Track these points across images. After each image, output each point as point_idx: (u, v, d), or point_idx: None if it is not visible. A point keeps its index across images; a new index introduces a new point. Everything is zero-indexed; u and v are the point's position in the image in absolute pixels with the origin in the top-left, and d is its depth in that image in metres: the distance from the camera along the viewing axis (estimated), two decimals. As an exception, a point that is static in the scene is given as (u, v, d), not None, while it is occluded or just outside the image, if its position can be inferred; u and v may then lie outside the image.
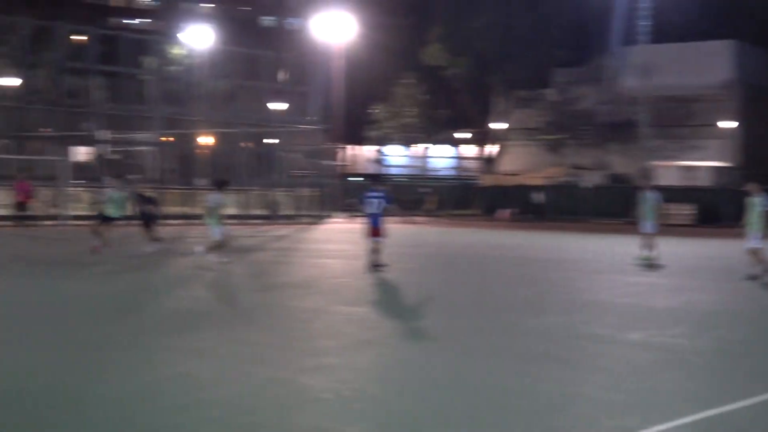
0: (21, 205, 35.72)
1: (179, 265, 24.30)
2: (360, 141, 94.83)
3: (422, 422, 8.46)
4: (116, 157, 62.37)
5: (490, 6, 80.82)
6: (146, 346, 11.89)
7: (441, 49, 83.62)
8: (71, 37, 72.60)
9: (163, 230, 30.05)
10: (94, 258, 25.01)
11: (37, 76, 52.53)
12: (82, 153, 55.52)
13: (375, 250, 22.70)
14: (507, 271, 24.97)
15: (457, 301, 17.61)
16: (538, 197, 67.34)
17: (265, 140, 63.39)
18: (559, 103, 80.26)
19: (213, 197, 24.14)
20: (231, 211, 56.42)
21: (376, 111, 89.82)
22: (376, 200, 22.75)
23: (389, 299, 17.76)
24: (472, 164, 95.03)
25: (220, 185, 24.76)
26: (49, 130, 61.14)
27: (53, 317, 14.44)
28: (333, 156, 73.05)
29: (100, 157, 51.76)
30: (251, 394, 9.27)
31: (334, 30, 69.38)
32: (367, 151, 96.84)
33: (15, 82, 62.73)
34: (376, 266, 22.45)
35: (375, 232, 22.77)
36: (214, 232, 24.01)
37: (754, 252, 22.29)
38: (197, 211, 54.93)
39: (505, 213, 68.81)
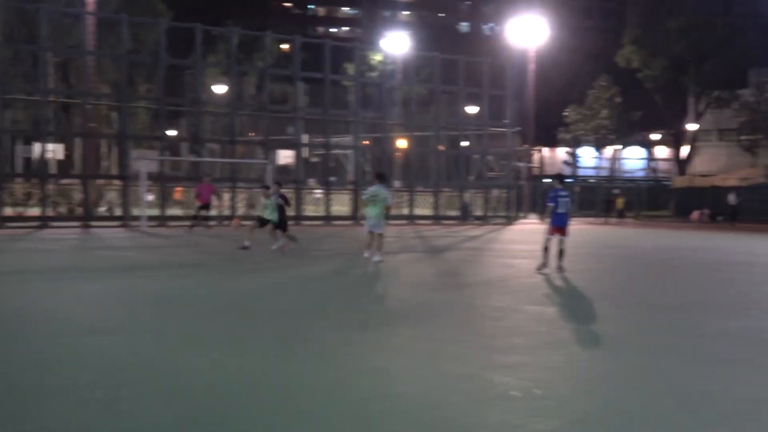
0: (203, 207, 36.79)
1: (372, 264, 24.52)
2: (553, 143, 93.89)
3: (609, 422, 8.28)
4: (316, 159, 63.72)
5: (686, 7, 78.68)
6: (340, 340, 12.03)
7: (635, 50, 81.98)
8: (277, 45, 74.73)
9: (359, 230, 30.38)
10: (286, 257, 25.53)
11: (245, 83, 54.13)
12: (284, 156, 56.91)
13: (562, 251, 22.37)
14: (698, 273, 24.21)
15: (648, 302, 17.17)
16: (733, 199, 65.18)
17: (459, 143, 63.50)
18: (755, 103, 77.36)
19: (372, 188, 24.27)
20: (425, 211, 56.91)
21: (569, 113, 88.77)
22: (565, 200, 22.43)
23: (578, 299, 17.46)
24: (664, 165, 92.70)
25: (381, 178, 24.87)
26: (254, 134, 63.01)
27: (251, 311, 14.81)
28: (526, 158, 72.59)
29: (301, 160, 52.90)
30: (441, 389, 9.26)
31: (528, 34, 68.95)
32: (560, 153, 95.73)
33: (224, 89, 64.94)
34: (559, 267, 22.11)
35: (561, 231, 22.46)
36: (378, 226, 24.09)
37: None
38: (392, 211, 55.59)
39: (697, 214, 66.85)
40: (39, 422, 7.60)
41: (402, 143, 65.37)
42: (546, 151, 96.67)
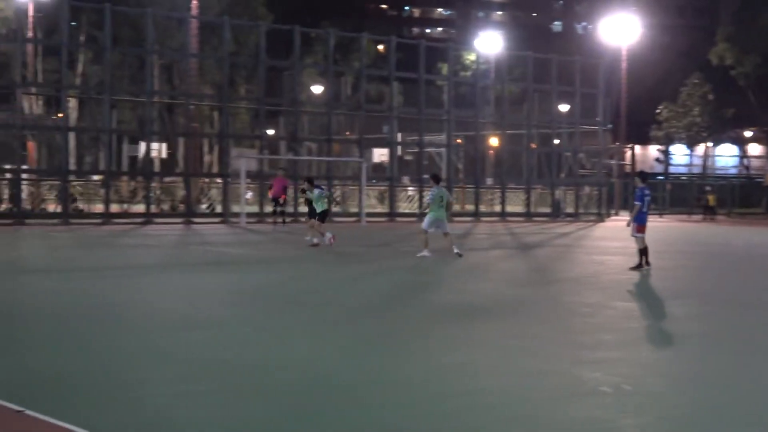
0: (276, 201, 37.00)
1: (460, 259, 24.35)
2: (645, 141, 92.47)
3: (699, 419, 7.99)
4: (410, 157, 63.69)
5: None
6: (426, 335, 11.90)
7: (728, 48, 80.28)
8: (373, 46, 74.91)
9: (451, 227, 30.19)
10: (373, 252, 25.50)
11: (341, 83, 54.34)
12: (379, 154, 57.00)
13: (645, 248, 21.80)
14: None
15: (738, 300, 16.69)
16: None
17: (551, 141, 62.88)
18: None
19: (435, 191, 24.22)
20: (516, 208, 56.47)
21: (661, 110, 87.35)
22: (648, 198, 21.92)
23: (668, 297, 17.03)
24: (757, 163, 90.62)
25: (437, 179, 24.87)
26: (349, 133, 63.24)
27: (340, 306, 14.78)
28: (618, 156, 71.57)
29: (395, 158, 52.90)
30: (528, 384, 9.06)
31: (621, 32, 67.98)
32: (652, 150, 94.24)
33: (321, 89, 65.30)
34: (640, 265, 21.49)
35: (642, 229, 21.87)
36: (444, 225, 23.95)
37: None
38: (484, 208, 55.24)
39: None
40: (133, 415, 7.63)
41: (494, 141, 64.93)
42: (638, 148, 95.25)
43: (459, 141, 61.26)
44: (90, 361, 9.74)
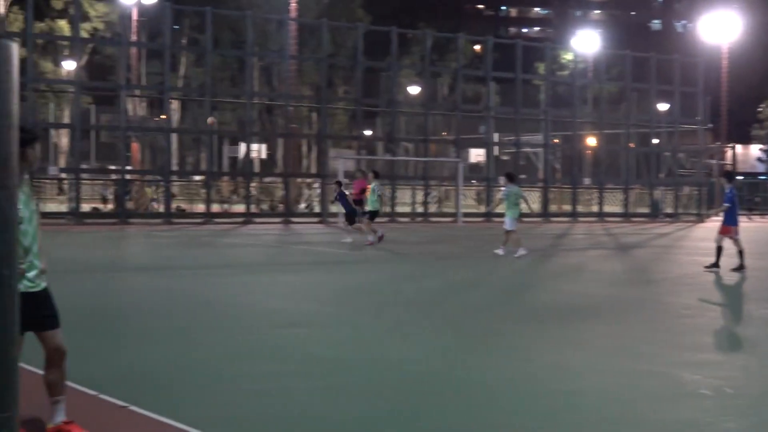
0: (356, 202, 36.47)
1: (557, 259, 24.18)
2: (746, 140, 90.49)
3: (803, 424, 7.84)
4: (507, 158, 63.40)
5: None
6: (524, 335, 11.87)
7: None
8: (469, 46, 74.70)
9: (548, 227, 30.00)
10: (477, 253, 25.47)
11: (438, 84, 54.37)
12: (476, 154, 56.88)
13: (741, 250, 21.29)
14: None
15: None
16: None
17: (650, 140, 61.96)
18: None
19: (512, 189, 24.05)
20: (614, 209, 55.80)
21: (764, 109, 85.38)
22: (735, 198, 21.48)
23: (773, 298, 16.68)
24: None
25: (511, 178, 24.85)
26: (446, 133, 63.21)
27: (439, 305, 14.81)
28: (718, 155, 70.20)
29: (492, 158, 52.72)
30: (626, 386, 8.98)
31: (721, 30, 66.65)
32: (754, 150, 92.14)
33: (418, 90, 65.42)
34: (741, 266, 20.98)
35: (729, 230, 21.38)
36: (511, 223, 23.86)
37: None
38: (581, 209, 54.72)
39: None
40: (236, 411, 7.75)
41: (592, 141, 64.28)
42: (739, 148, 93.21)
43: (556, 141, 60.77)
44: (193, 358, 9.94)
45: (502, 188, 24.55)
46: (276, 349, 10.51)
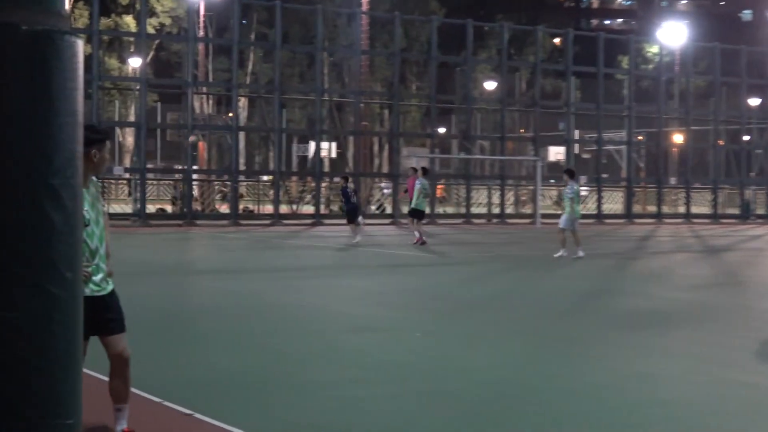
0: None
1: (640, 263, 23.90)
2: None
3: None
4: (587, 156, 62.86)
5: None
6: (607, 342, 11.75)
7: None
8: (549, 39, 74.18)
9: (631, 229, 29.64)
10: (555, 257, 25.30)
11: (516, 78, 54.12)
12: (555, 153, 56.47)
13: None
14: None
15: None
16: None
17: (740, 137, 60.95)
18: None
19: (571, 187, 23.75)
20: (702, 209, 54.99)
21: None
22: None
23: None
24: None
25: (572, 175, 24.68)
26: (524, 130, 62.90)
27: (510, 310, 14.73)
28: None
29: (572, 157, 52.32)
30: (716, 396, 8.84)
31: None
32: None
33: (494, 85, 65.15)
34: None
35: None
36: (566, 221, 23.65)
37: None
38: (666, 209, 54.05)
39: None
40: (306, 418, 7.77)
41: (678, 138, 63.42)
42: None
43: (640, 138, 60.09)
44: (261, 363, 10.02)
45: (568, 186, 24.21)
46: (346, 355, 10.55)
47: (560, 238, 24.07)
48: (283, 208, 44.14)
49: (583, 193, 55.94)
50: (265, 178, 54.31)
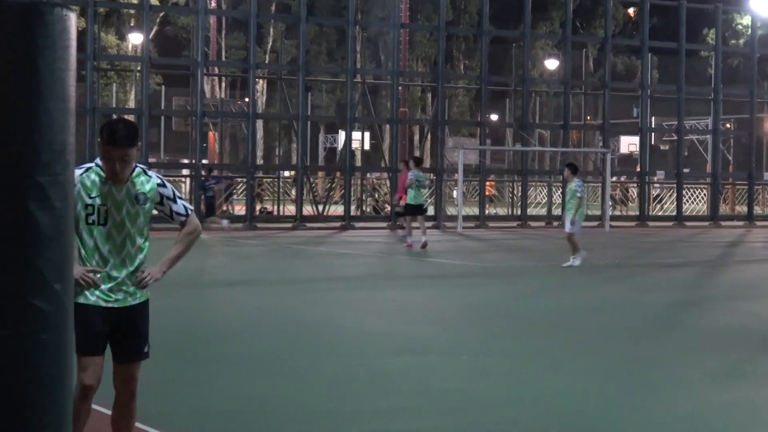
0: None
1: (728, 273, 23.70)
2: None
3: None
4: (666, 147, 62.52)
5: None
6: (690, 365, 11.72)
7: None
8: (621, 10, 73.85)
9: (717, 233, 29.38)
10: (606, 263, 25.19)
11: (582, 56, 53.91)
12: (628, 143, 56.15)
13: None
14: None
15: None
16: None
17: None
18: None
19: (578, 185, 23.45)
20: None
21: None
22: None
23: None
24: None
25: (575, 170, 24.48)
26: (590, 117, 62.65)
27: (578, 330, 14.64)
28: None
29: (648, 148, 52.05)
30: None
31: None
32: None
33: (556, 64, 64.91)
34: None
35: None
36: (575, 226, 23.51)
37: None
38: (759, 210, 53.65)
39: None
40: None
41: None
42: None
43: (729, 126, 59.70)
44: (286, 389, 10.05)
45: (574, 183, 23.82)
46: (387, 381, 10.55)
47: (573, 242, 23.79)
48: (308, 209, 44.21)
49: (656, 192, 55.65)
50: (287, 173, 54.43)
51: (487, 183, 55.23)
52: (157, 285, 6.66)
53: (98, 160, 6.50)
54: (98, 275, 6.40)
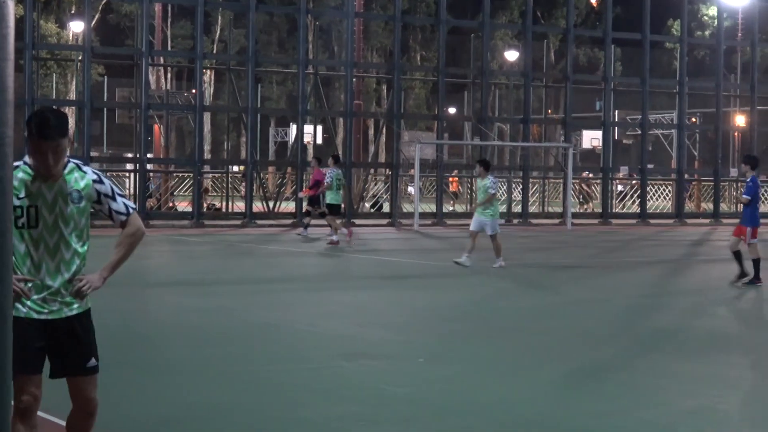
0: (312, 201, 34.15)
1: (693, 274, 23.92)
2: None
3: None
4: (630, 142, 62.92)
5: None
6: (652, 371, 11.77)
7: None
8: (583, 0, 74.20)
9: (682, 231, 29.66)
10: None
11: (543, 48, 54.15)
12: (590, 138, 56.48)
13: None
14: None
15: None
16: None
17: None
18: None
19: (492, 181, 23.57)
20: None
21: None
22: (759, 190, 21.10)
23: None
24: None
25: (488, 167, 24.38)
26: (552, 111, 62.93)
27: (540, 333, 14.75)
28: None
29: (611, 143, 52.37)
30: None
31: None
32: None
33: (517, 56, 65.13)
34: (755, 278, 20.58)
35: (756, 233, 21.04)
36: (493, 225, 23.27)
37: None
38: (726, 208, 54.07)
39: None
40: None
41: (741, 120, 63.52)
42: None
43: (694, 120, 60.17)
44: (235, 395, 10.05)
45: (488, 180, 23.64)
46: (340, 387, 10.58)
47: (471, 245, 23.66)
48: (258, 206, 44.17)
49: (620, 188, 55.94)
50: (236, 168, 54.36)
51: (452, 179, 55.44)
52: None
53: (26, 158, 6.16)
54: (29, 285, 6.11)
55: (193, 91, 48.23)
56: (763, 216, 52.19)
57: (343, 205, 31.87)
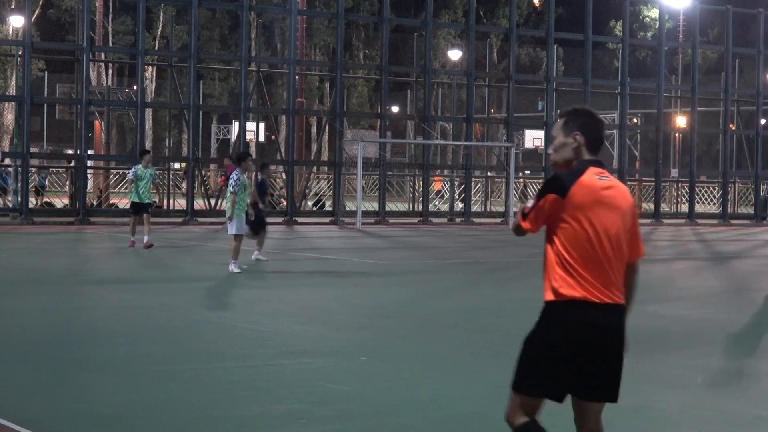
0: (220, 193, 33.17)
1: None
2: None
3: None
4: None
5: None
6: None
7: None
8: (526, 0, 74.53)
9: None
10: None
11: (486, 47, 54.33)
12: (533, 137, 56.74)
13: None
14: None
15: None
16: None
17: (756, 120, 61.70)
18: None
19: (232, 178, 21.61)
20: (708, 208, 55.50)
21: None
22: None
23: None
24: None
25: (238, 161, 22.32)
26: (494, 111, 63.15)
27: (481, 330, 14.80)
28: None
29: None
30: (725, 435, 9.00)
31: None
32: None
33: (459, 55, 65.37)
34: None
35: None
36: (233, 226, 21.52)
37: None
38: (666, 208, 54.49)
39: None
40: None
41: (681, 121, 64.08)
42: None
43: (635, 121, 60.64)
44: (172, 393, 10.03)
45: (234, 175, 21.93)
46: (280, 385, 10.57)
47: (235, 245, 21.72)
48: (199, 203, 43.99)
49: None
50: (177, 166, 54.06)
51: (437, 178, 55.46)
52: (30, 282, 6.49)
53: None
54: None
55: (135, 87, 47.98)
56: (699, 216, 52.83)
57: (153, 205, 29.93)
